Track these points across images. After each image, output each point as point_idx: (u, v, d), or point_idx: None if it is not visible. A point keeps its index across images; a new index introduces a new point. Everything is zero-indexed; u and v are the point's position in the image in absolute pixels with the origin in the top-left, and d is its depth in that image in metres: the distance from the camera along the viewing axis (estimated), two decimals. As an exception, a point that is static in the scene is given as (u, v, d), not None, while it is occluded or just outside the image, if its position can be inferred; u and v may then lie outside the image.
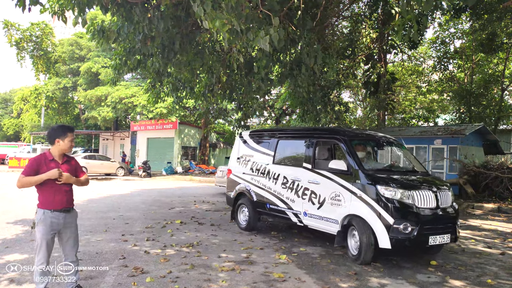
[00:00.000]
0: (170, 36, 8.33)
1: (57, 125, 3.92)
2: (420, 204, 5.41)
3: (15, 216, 8.35)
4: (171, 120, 27.92)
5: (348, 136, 6.42)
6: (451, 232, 5.61)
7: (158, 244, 6.24)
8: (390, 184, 5.51)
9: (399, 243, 5.23)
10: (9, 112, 61.99)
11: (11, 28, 34.50)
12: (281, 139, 7.56)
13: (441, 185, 5.91)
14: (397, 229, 5.22)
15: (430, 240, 5.35)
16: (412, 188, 5.50)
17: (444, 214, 5.65)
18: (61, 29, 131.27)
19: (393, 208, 5.31)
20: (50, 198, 3.67)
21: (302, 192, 6.60)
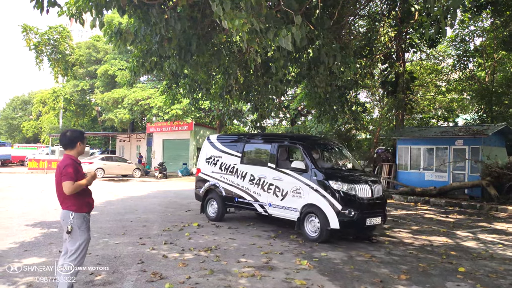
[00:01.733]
0: (187, 37, 8.26)
1: (73, 129, 4.00)
2: (360, 194, 7.01)
3: (34, 218, 8.39)
4: (186, 121, 28.00)
5: (306, 141, 8.02)
6: (382, 216, 7.32)
7: (176, 248, 6.15)
8: (338, 179, 7.05)
9: (345, 224, 6.77)
10: (28, 114, 63.31)
11: (29, 32, 35.18)
12: (248, 143, 8.88)
13: (375, 180, 7.62)
14: (344, 213, 6.75)
15: (367, 221, 6.95)
16: (354, 182, 7.07)
17: (377, 202, 7.27)
18: (79, 32, 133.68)
19: (341, 198, 6.83)
20: (86, 201, 3.84)
21: (268, 187, 7.95)
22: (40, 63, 38.71)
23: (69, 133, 3.88)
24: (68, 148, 3.85)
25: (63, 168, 3.69)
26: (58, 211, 9.56)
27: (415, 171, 17.22)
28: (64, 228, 3.75)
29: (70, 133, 3.88)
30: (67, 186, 3.62)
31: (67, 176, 3.64)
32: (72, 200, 3.73)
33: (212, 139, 9.68)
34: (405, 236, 7.83)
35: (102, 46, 36.16)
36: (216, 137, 9.71)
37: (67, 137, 3.85)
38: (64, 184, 3.64)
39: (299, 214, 7.29)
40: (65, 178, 3.63)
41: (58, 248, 5.89)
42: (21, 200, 11.34)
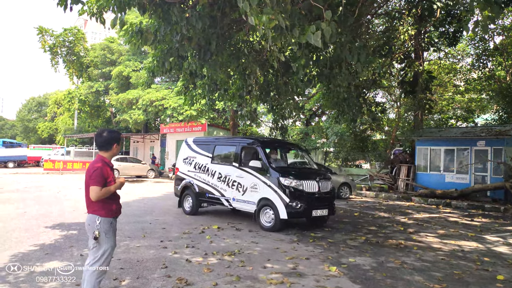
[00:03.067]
0: (207, 36, 8.12)
1: (111, 130, 3.78)
2: (307, 189, 8.03)
3: (53, 220, 8.33)
4: (200, 122, 27.94)
5: (262, 143, 9.01)
6: (329, 208, 8.39)
7: (199, 252, 5.99)
8: (288, 176, 8.02)
9: (292, 215, 7.86)
10: (43, 116, 64.15)
11: (45, 34, 35.61)
12: (218, 144, 10.02)
13: (323, 177, 8.58)
14: (291, 205, 7.78)
15: (313, 213, 8.04)
16: (302, 179, 8.06)
17: (324, 196, 8.34)
18: (92, 34, 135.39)
19: (289, 192, 7.84)
20: (113, 206, 3.67)
21: (232, 183, 9.00)
22: (55, 64, 39.19)
23: (106, 134, 3.68)
24: (103, 149, 3.68)
25: (92, 171, 3.51)
26: (76, 212, 9.55)
27: (435, 172, 16.81)
28: (89, 234, 3.54)
29: (107, 134, 3.68)
30: (94, 192, 3.45)
31: (95, 180, 3.45)
32: (99, 204, 3.54)
33: (189, 141, 10.69)
34: (433, 241, 7.54)
35: (117, 47, 36.40)
36: (192, 140, 10.74)
37: (103, 138, 3.67)
38: (91, 188, 3.46)
39: (256, 207, 8.36)
40: (93, 182, 3.45)
41: (79, 251, 5.78)
42: (38, 201, 11.33)
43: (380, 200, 15.66)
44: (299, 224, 8.93)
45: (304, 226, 8.75)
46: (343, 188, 15.30)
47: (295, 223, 9.06)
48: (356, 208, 12.42)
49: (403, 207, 13.19)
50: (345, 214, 11.03)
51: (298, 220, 9.45)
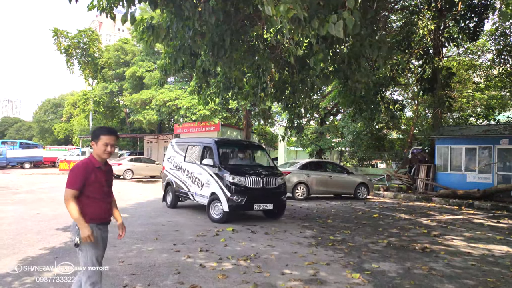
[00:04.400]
0: (220, 32, 7.86)
1: (99, 126, 3.46)
2: (249, 185, 8.67)
3: (65, 221, 8.17)
4: (213, 122, 27.77)
5: (217, 143, 9.68)
6: (274, 203, 8.96)
7: (213, 256, 5.71)
8: (231, 173, 8.70)
9: (233, 208, 8.52)
10: (59, 117, 65.02)
11: (60, 35, 35.99)
12: (189, 145, 10.76)
13: (271, 174, 9.18)
14: (232, 199, 8.48)
15: (255, 206, 8.74)
16: (245, 175, 8.71)
17: (268, 191, 8.91)
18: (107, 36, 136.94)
19: (230, 187, 8.55)
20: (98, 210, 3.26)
21: (194, 179, 9.89)
22: (70, 66, 39.60)
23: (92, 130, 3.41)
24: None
25: (71, 170, 3.18)
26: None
27: (456, 172, 16.23)
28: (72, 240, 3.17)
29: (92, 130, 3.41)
30: (65, 194, 3.08)
31: (68, 182, 3.09)
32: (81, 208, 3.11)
33: (173, 142, 11.68)
34: (460, 245, 7.12)
35: (130, 48, 36.53)
36: (175, 141, 11.74)
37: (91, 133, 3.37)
38: (65, 190, 3.10)
39: (208, 200, 9.11)
40: (67, 184, 3.10)
41: (89, 255, 5.56)
42: (52, 202, 11.24)
43: (399, 200, 15.18)
44: (317, 226, 8.59)
45: (322, 228, 8.41)
46: (361, 188, 14.88)
47: (312, 225, 8.74)
48: (375, 209, 12.01)
49: (424, 208, 12.71)
50: (364, 215, 10.63)
51: (315, 222, 9.12)
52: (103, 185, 3.26)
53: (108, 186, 3.34)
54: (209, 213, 8.96)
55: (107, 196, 3.31)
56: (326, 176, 14.39)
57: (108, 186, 3.34)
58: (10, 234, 6.82)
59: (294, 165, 14.70)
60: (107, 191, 3.32)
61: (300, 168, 14.32)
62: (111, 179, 3.43)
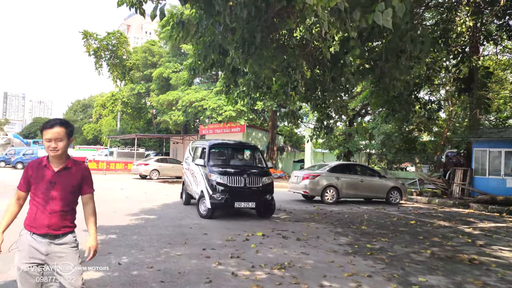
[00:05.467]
0: (251, 28, 7.55)
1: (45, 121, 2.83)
2: (230, 184, 9.12)
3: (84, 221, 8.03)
4: (239, 123, 27.58)
5: (209, 144, 10.39)
6: (256, 202, 9.27)
7: (245, 264, 5.38)
8: (215, 172, 9.25)
9: (215, 205, 9.03)
10: (88, 117, 66.62)
11: (89, 38, 36.74)
12: (196, 147, 11.47)
13: (256, 174, 9.55)
14: (213, 197, 9.03)
15: (236, 204, 9.08)
16: (227, 175, 9.18)
17: (250, 190, 9.28)
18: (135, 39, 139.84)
19: (213, 186, 9.12)
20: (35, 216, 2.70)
21: (194, 178, 10.51)
22: (99, 68, 40.32)
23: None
24: None
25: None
26: (116, 214, 9.27)
27: (495, 177, 15.31)
28: None
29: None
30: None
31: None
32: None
33: (190, 145, 12.37)
34: (511, 256, 6.51)
35: (157, 49, 36.88)
36: (191, 143, 12.58)
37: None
38: None
39: (198, 197, 9.73)
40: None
41: (117, 259, 5.35)
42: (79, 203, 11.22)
43: (434, 206, 14.44)
44: (351, 233, 8.14)
45: (357, 235, 7.95)
46: (393, 192, 14.23)
47: (346, 232, 8.29)
48: (411, 215, 11.39)
49: (463, 215, 11.98)
50: (400, 222, 10.07)
51: (349, 228, 8.66)
52: (48, 188, 2.66)
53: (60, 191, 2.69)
54: (198, 209, 9.60)
55: (52, 202, 2.67)
56: (357, 180, 13.85)
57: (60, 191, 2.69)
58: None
59: (323, 168, 14.23)
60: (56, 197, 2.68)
61: (330, 171, 13.84)
62: (72, 182, 2.77)
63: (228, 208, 9.40)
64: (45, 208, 2.66)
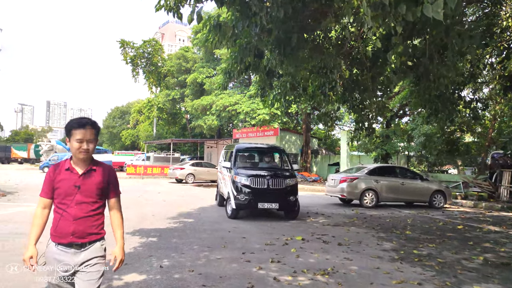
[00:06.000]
0: (286, 29, 7.44)
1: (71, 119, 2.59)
2: (254, 185, 9.41)
3: (133, 225, 8.16)
4: (273, 126, 27.47)
5: (236, 147, 10.91)
6: (280, 203, 9.46)
7: (286, 269, 5.24)
8: (239, 174, 9.63)
9: (239, 206, 9.39)
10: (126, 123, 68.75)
11: (126, 46, 37.97)
12: (228, 150, 11.75)
13: (280, 176, 9.73)
14: (238, 198, 9.39)
15: (259, 205, 9.30)
16: (251, 177, 9.50)
17: (273, 192, 9.46)
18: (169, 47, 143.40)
19: (237, 187, 9.49)
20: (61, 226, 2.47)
21: (223, 180, 11.00)
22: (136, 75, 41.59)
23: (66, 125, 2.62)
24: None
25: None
26: (155, 218, 9.39)
27: (548, 179, 14.31)
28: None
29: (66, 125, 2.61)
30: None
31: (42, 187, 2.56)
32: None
33: (224, 148, 12.86)
34: None
35: (191, 55, 37.52)
36: (224, 146, 13.25)
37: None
38: None
39: (226, 197, 10.20)
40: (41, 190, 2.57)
41: (158, 262, 5.35)
42: (120, 205, 11.47)
43: (481, 210, 13.66)
44: (395, 238, 7.80)
45: (402, 240, 7.60)
46: (437, 196, 13.59)
47: (390, 237, 7.96)
48: (457, 220, 10.81)
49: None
50: (446, 227, 9.57)
51: (392, 233, 8.31)
52: (73, 193, 2.46)
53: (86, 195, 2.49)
54: (226, 210, 10.05)
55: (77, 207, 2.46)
56: (398, 183, 13.34)
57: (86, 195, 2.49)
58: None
59: (361, 171, 13.83)
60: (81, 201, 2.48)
61: (368, 174, 13.43)
62: (98, 185, 2.55)
63: (252, 209, 9.66)
64: (69, 214, 2.44)
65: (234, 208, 9.46)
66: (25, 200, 12.09)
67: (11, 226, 7.67)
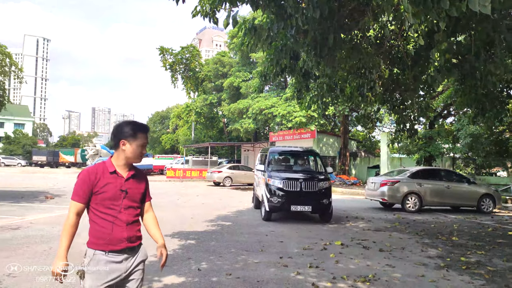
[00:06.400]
0: (323, 30, 7.31)
1: (125, 121, 2.55)
2: (287, 188, 9.52)
3: (172, 228, 8.32)
4: (309, 129, 27.19)
5: (270, 150, 11.17)
6: (313, 206, 9.49)
7: (325, 274, 5.11)
8: (272, 177, 9.77)
9: (272, 208, 9.53)
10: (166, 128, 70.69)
11: (165, 53, 39.11)
12: (263, 153, 11.91)
13: (313, 179, 9.77)
14: (271, 200, 9.53)
15: (292, 208, 9.40)
16: (284, 179, 9.61)
17: (306, 194, 9.54)
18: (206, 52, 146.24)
19: (271, 190, 9.62)
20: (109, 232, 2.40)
21: (257, 183, 11.38)
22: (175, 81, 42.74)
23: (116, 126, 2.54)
24: (113, 147, 2.54)
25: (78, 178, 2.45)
26: (194, 220, 9.52)
27: None
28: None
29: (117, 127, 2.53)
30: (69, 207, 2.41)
31: (73, 192, 2.41)
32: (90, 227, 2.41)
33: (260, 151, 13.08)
34: None
35: (228, 60, 37.99)
36: (261, 150, 13.50)
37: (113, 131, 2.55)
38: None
39: (259, 199, 10.44)
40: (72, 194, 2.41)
41: (196, 264, 5.40)
42: (160, 208, 11.74)
43: (535, 215, 12.76)
44: (440, 244, 7.42)
45: (448, 247, 7.22)
46: (485, 200, 12.84)
47: (435, 243, 7.59)
48: (509, 226, 10.15)
49: None
50: (496, 232, 9.00)
51: (437, 239, 7.93)
52: (121, 197, 2.42)
53: (131, 199, 2.47)
54: (260, 212, 10.26)
55: (126, 212, 2.44)
56: (443, 186, 12.73)
57: (131, 199, 2.47)
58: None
59: (403, 173, 13.34)
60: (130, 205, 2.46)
61: (411, 177, 12.92)
62: (140, 189, 2.55)
63: (285, 211, 9.75)
64: (121, 220, 2.40)
65: (267, 210, 9.60)
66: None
67: (58, 228, 8.05)
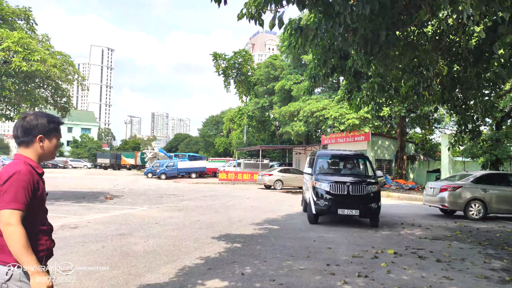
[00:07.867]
0: (374, 27, 6.97)
1: (46, 114, 2.17)
2: (334, 191, 9.54)
3: (220, 230, 8.36)
4: (363, 131, 26.30)
5: (317, 154, 11.12)
6: (360, 210, 9.48)
7: (375, 285, 4.81)
8: (319, 180, 9.84)
9: (319, 211, 9.63)
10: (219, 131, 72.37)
11: (219, 58, 40.02)
12: (312, 156, 11.66)
13: (361, 182, 9.70)
14: (318, 203, 9.60)
15: (339, 211, 9.47)
16: (331, 182, 9.62)
17: (354, 198, 9.51)
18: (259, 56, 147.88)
19: (317, 193, 9.69)
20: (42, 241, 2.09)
21: (305, 186, 11.66)
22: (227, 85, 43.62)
23: (27, 119, 2.11)
24: (23, 144, 2.10)
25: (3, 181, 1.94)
26: (241, 223, 9.52)
27: None
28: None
29: (28, 120, 2.11)
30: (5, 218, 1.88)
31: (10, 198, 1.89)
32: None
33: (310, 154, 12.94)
34: None
35: (279, 63, 37.98)
36: (310, 153, 13.58)
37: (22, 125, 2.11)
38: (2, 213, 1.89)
39: (308, 203, 10.18)
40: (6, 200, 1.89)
41: (240, 268, 5.34)
42: (210, 210, 11.93)
43: None
44: (506, 256, 6.74)
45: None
46: None
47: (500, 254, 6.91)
48: None
49: None
50: None
51: (503, 250, 7.21)
52: (45, 202, 2.15)
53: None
54: (307, 214, 10.23)
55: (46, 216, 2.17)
56: (511, 192, 11.64)
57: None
58: (171, 240, 7.24)
59: (466, 178, 12.38)
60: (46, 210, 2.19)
61: (474, 182, 11.96)
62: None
63: (332, 214, 9.72)
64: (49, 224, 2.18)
65: (314, 213, 9.60)
66: (127, 204, 13.25)
67: (113, 227, 8.42)
